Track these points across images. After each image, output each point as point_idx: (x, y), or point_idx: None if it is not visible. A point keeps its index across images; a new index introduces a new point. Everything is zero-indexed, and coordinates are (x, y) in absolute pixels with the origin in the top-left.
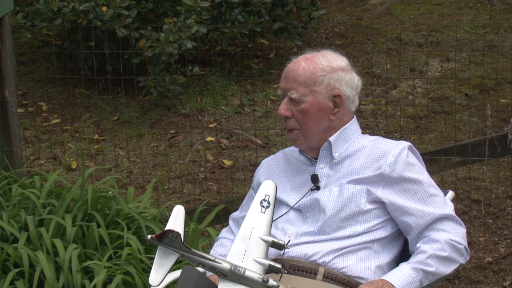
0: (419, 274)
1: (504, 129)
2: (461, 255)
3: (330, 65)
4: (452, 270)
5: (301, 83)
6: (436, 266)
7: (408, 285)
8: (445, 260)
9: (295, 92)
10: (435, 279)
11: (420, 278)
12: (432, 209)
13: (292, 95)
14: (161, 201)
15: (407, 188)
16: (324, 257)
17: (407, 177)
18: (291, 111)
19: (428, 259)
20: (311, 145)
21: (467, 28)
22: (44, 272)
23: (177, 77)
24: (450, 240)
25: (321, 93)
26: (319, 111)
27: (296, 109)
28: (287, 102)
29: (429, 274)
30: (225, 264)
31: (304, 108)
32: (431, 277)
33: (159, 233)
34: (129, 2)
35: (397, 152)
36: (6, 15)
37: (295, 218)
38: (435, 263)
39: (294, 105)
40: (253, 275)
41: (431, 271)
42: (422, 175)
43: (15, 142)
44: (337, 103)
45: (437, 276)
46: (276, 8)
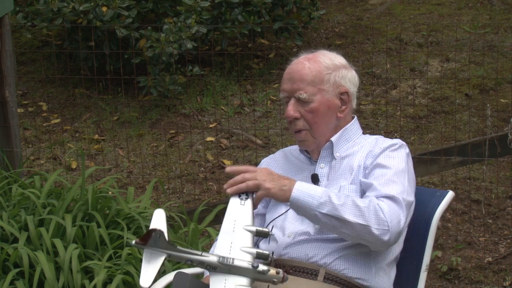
0: (325, 196)
1: (504, 129)
2: (378, 223)
3: (334, 63)
4: (355, 222)
5: (309, 82)
6: (344, 203)
7: (308, 195)
8: (356, 209)
9: (303, 92)
10: (334, 214)
11: (322, 201)
12: (386, 189)
13: (301, 95)
14: (161, 201)
15: (376, 172)
16: (325, 258)
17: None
18: (299, 112)
19: (344, 196)
20: (319, 145)
21: (467, 28)
22: (44, 272)
23: (177, 77)
24: (378, 205)
25: (329, 91)
26: (328, 110)
27: (305, 109)
28: (294, 103)
29: (332, 205)
30: (212, 257)
31: (313, 108)
32: (331, 208)
33: (142, 236)
34: (129, 2)
35: (385, 146)
36: (6, 15)
37: (293, 217)
38: (345, 202)
39: (302, 105)
40: (242, 264)
41: (336, 204)
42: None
43: (15, 142)
44: (344, 100)
45: (336, 212)
46: (276, 8)
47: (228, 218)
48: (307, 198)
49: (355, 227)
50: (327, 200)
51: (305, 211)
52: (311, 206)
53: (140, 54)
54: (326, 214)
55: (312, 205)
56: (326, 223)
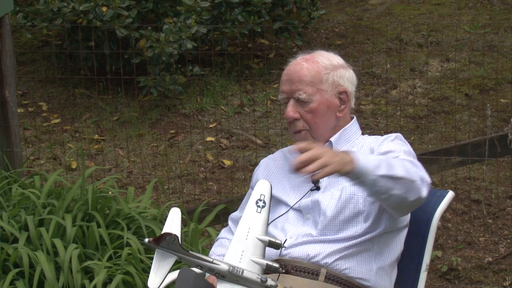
0: (377, 158)
1: (504, 129)
2: (419, 177)
3: (332, 63)
4: (407, 178)
5: (307, 83)
6: (391, 161)
7: (366, 160)
8: (401, 165)
9: (302, 92)
10: (389, 174)
11: (377, 163)
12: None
13: (301, 96)
14: (161, 201)
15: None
16: (326, 258)
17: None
18: (298, 112)
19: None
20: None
21: (467, 28)
22: (44, 272)
23: (177, 77)
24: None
25: (328, 91)
26: (328, 109)
27: (304, 109)
28: (293, 104)
29: (386, 164)
30: (223, 265)
31: (313, 108)
32: (387, 167)
33: (156, 237)
34: (129, 2)
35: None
36: (6, 15)
37: (295, 219)
38: (389, 160)
39: (301, 106)
40: (251, 276)
41: (389, 162)
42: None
43: (15, 142)
44: (343, 100)
45: (392, 170)
46: (276, 8)
47: (242, 224)
48: (366, 162)
49: (406, 183)
50: (379, 161)
51: (365, 178)
52: (372, 171)
53: (140, 54)
54: (383, 175)
55: (372, 169)
56: (382, 187)
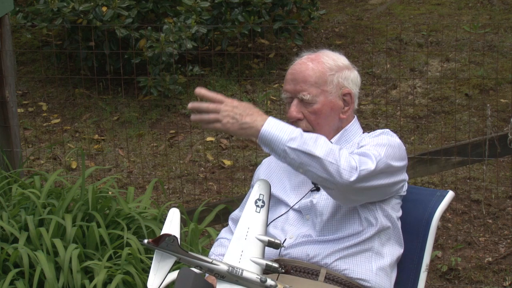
0: (296, 132)
1: (504, 129)
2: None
3: (337, 64)
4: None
5: (312, 83)
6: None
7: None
8: (327, 147)
9: (307, 93)
10: (304, 149)
11: (293, 136)
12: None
13: (305, 96)
14: (161, 201)
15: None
16: (326, 259)
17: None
18: (302, 113)
19: (316, 136)
20: None
21: (467, 28)
22: (44, 272)
23: (177, 77)
24: (349, 154)
25: (332, 93)
26: (331, 111)
27: (308, 110)
28: (297, 104)
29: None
30: (222, 265)
31: (316, 109)
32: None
33: (155, 237)
34: (129, 2)
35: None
36: (6, 15)
37: (295, 219)
38: (317, 140)
39: (305, 106)
40: (251, 276)
41: (307, 138)
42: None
43: (15, 142)
44: (347, 101)
45: (307, 147)
46: (276, 8)
47: (241, 224)
48: (277, 132)
49: (324, 164)
50: (298, 135)
51: (274, 146)
52: (281, 140)
53: (140, 54)
54: (296, 148)
55: (282, 139)
56: (294, 160)
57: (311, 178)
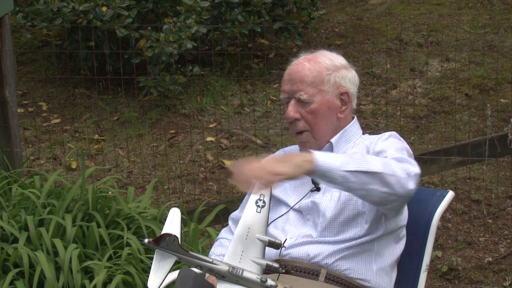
0: (345, 156)
1: (504, 129)
2: (403, 170)
3: (334, 64)
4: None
5: (309, 83)
6: (363, 158)
7: (329, 157)
8: (378, 160)
9: (303, 93)
10: (361, 169)
11: (345, 160)
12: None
13: (302, 96)
14: (161, 201)
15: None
16: (326, 259)
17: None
18: (299, 113)
19: (359, 154)
20: (320, 145)
21: (467, 28)
22: (44, 272)
23: (177, 77)
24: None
25: (329, 92)
26: (329, 110)
27: (305, 110)
28: (294, 104)
29: (355, 161)
30: (223, 265)
31: (314, 109)
32: (357, 164)
33: (156, 237)
34: (129, 2)
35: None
36: (6, 15)
37: (295, 219)
38: (364, 157)
39: (302, 106)
40: (251, 276)
41: (358, 159)
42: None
43: (15, 142)
44: (344, 101)
45: (363, 166)
46: (276, 8)
47: (242, 224)
48: (329, 160)
49: (385, 178)
50: (349, 158)
51: (331, 174)
52: (337, 167)
53: (140, 54)
54: (354, 170)
55: (338, 166)
56: (355, 183)
57: (373, 197)
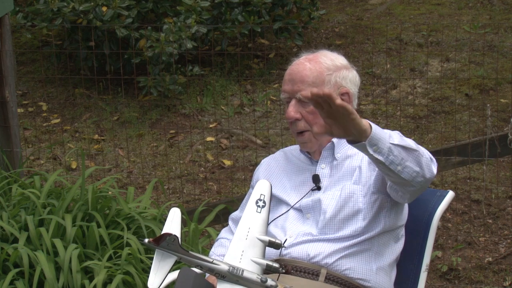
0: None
1: (504, 129)
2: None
3: (334, 64)
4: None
5: (309, 83)
6: (403, 137)
7: (381, 133)
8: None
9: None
10: (403, 144)
11: (389, 133)
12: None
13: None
14: (161, 201)
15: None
16: (326, 259)
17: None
18: (300, 113)
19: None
20: (321, 145)
21: (467, 28)
22: (44, 272)
23: (177, 77)
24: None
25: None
26: None
27: (306, 110)
28: (295, 104)
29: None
30: (223, 265)
31: (314, 109)
32: (399, 139)
33: (156, 237)
34: (129, 2)
35: None
36: (6, 15)
37: (295, 218)
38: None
39: (303, 106)
40: (251, 276)
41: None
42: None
43: (15, 142)
44: (345, 101)
45: (403, 141)
46: (276, 8)
47: (242, 224)
48: (380, 131)
49: (419, 158)
50: (391, 132)
51: (381, 144)
52: (386, 138)
53: (140, 54)
54: (398, 144)
55: (386, 137)
56: (396, 157)
57: (405, 174)
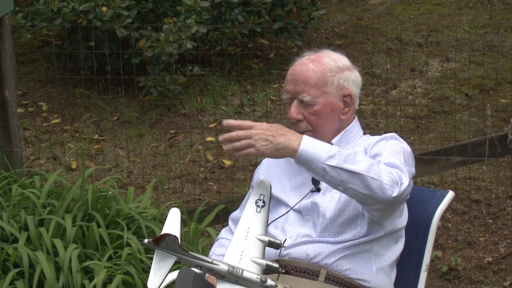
0: (334, 149)
1: (504, 129)
2: (388, 178)
3: (337, 65)
4: (367, 175)
5: (312, 85)
6: (354, 156)
7: (316, 147)
8: (366, 161)
9: (307, 94)
10: (344, 167)
11: (332, 153)
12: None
13: (305, 98)
14: (161, 201)
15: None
16: (326, 259)
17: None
18: (302, 114)
19: (351, 151)
20: None
21: (467, 28)
22: (44, 272)
23: (177, 77)
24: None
25: (332, 94)
26: (331, 112)
27: (308, 111)
28: (297, 105)
29: (342, 157)
30: (222, 265)
31: (317, 110)
32: (342, 161)
33: (156, 237)
34: (129, 2)
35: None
36: (6, 15)
37: (295, 219)
38: (355, 155)
39: (305, 107)
40: (251, 276)
41: (345, 155)
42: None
43: (15, 142)
44: (347, 103)
45: (347, 164)
46: (276, 8)
47: (242, 224)
48: (315, 150)
49: (366, 180)
50: (336, 152)
51: (312, 164)
52: (320, 159)
53: (140, 54)
54: (336, 166)
55: (321, 158)
56: (334, 178)
57: (351, 195)
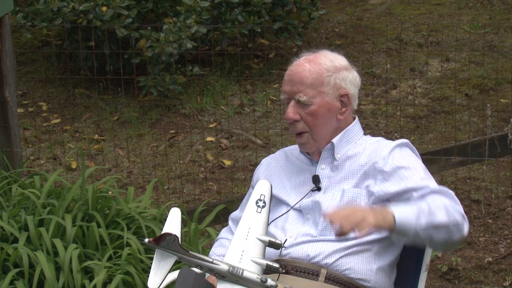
0: (414, 209)
1: (504, 129)
2: (461, 216)
3: (334, 65)
4: (450, 222)
5: (308, 85)
6: (429, 209)
7: (405, 216)
8: (439, 209)
9: (303, 94)
10: (430, 223)
11: (416, 215)
12: (429, 183)
13: (301, 98)
14: (161, 201)
15: (403, 175)
16: (326, 259)
17: (401, 165)
18: (299, 114)
19: (416, 205)
20: (320, 147)
21: (467, 28)
22: (44, 272)
23: (177, 77)
24: (441, 201)
25: (329, 94)
26: (328, 112)
27: (305, 111)
28: (294, 106)
29: (425, 215)
30: (223, 265)
31: (313, 110)
32: (427, 219)
33: (156, 237)
34: (129, 2)
35: (392, 146)
36: (6, 15)
37: (295, 218)
38: (428, 207)
39: (302, 108)
40: (251, 276)
41: (426, 211)
42: (414, 163)
43: (15, 142)
44: (344, 103)
45: (431, 219)
46: (276, 8)
47: (243, 224)
48: (405, 218)
49: (450, 228)
50: (418, 211)
51: (406, 232)
52: (412, 225)
53: (140, 54)
54: (426, 227)
55: (412, 223)
56: (423, 237)
57: (432, 247)
